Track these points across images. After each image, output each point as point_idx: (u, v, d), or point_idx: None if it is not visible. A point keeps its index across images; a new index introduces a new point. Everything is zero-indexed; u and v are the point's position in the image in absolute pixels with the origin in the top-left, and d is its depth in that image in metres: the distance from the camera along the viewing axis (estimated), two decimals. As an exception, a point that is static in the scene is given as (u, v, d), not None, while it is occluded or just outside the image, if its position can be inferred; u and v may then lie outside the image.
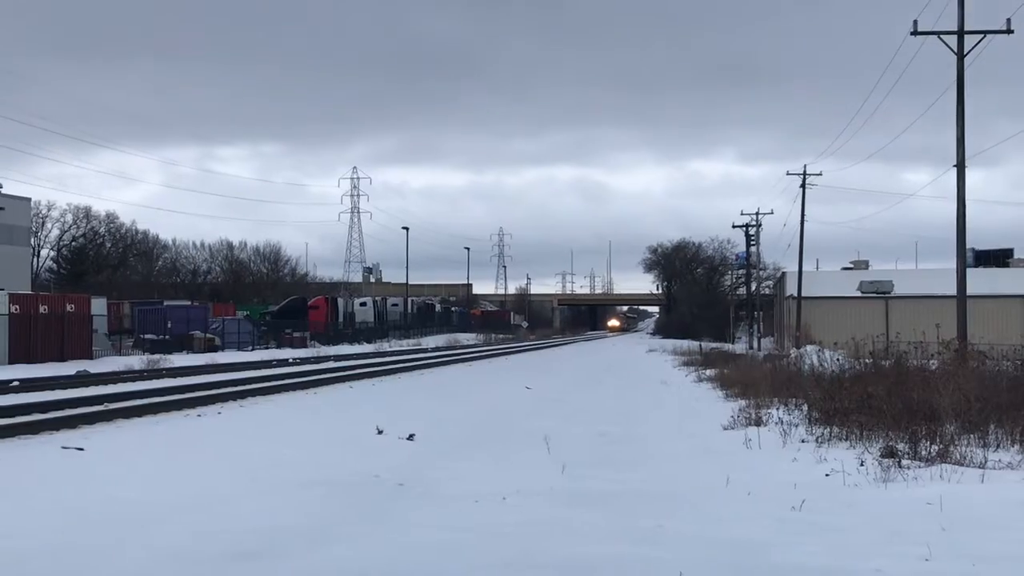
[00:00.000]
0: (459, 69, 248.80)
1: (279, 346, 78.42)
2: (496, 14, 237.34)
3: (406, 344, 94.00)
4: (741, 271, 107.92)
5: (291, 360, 56.91)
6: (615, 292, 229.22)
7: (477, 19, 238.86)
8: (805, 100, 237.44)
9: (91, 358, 53.37)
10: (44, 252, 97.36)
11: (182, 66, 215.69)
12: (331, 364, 52.15)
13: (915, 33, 35.18)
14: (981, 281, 56.77)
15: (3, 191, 79.03)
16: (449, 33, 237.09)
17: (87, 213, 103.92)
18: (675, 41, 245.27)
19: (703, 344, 76.19)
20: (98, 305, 60.21)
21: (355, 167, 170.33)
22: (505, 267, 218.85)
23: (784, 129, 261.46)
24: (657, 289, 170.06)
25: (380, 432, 19.96)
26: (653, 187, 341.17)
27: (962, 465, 14.21)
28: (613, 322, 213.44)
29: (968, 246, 36.65)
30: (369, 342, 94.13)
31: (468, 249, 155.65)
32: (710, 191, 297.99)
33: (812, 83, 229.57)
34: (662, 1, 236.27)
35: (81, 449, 17.35)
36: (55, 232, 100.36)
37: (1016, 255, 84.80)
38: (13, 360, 48.57)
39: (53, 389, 32.40)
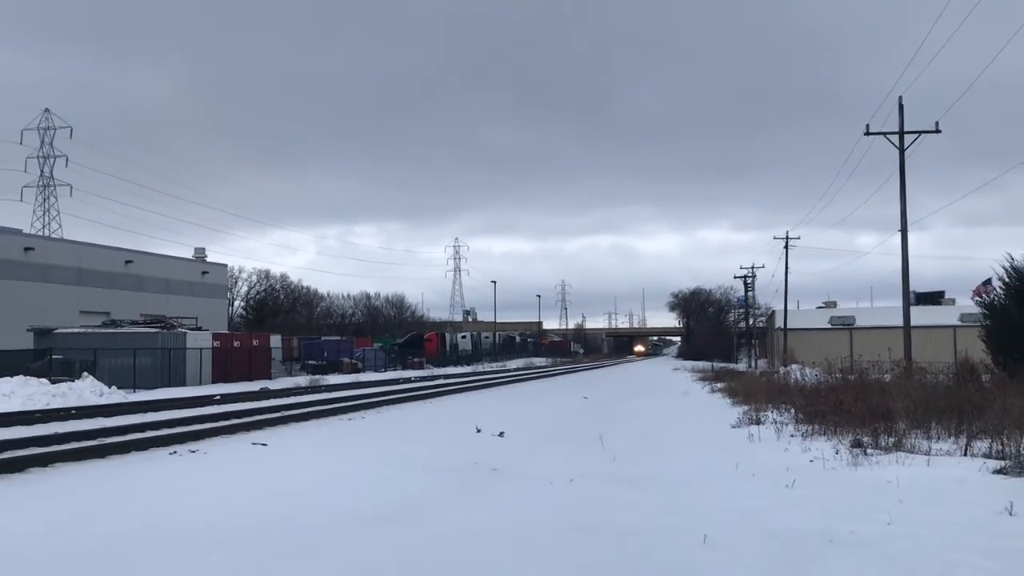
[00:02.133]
0: (527, 165, 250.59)
1: (404, 368, 78.72)
2: (553, 125, 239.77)
3: (495, 366, 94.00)
4: (741, 310, 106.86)
5: (412, 379, 57.08)
6: (647, 326, 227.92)
7: (540, 130, 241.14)
8: (783, 184, 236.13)
9: (270, 378, 53.98)
10: (236, 303, 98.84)
11: (328, 167, 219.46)
12: (441, 381, 52.24)
13: (867, 133, 34.80)
14: (921, 315, 55.45)
15: (208, 260, 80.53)
16: (520, 140, 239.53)
17: (266, 275, 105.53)
18: (686, 143, 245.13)
19: (714, 364, 75.47)
20: (275, 340, 61.01)
21: (456, 238, 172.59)
22: (566, 308, 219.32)
23: (767, 206, 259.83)
24: (679, 323, 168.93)
25: (478, 431, 19.97)
26: (671, 250, 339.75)
27: (912, 453, 13.94)
28: (639, 348, 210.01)
29: (910, 289, 36.01)
30: (468, 365, 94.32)
31: (539, 296, 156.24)
32: (713, 252, 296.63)
33: (789, 171, 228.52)
34: (675, 114, 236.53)
35: (265, 445, 17.55)
36: (244, 288, 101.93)
37: (947, 296, 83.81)
38: (215, 380, 49.32)
39: (243, 401, 32.84)
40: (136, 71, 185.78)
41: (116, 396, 33.96)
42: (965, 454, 13.78)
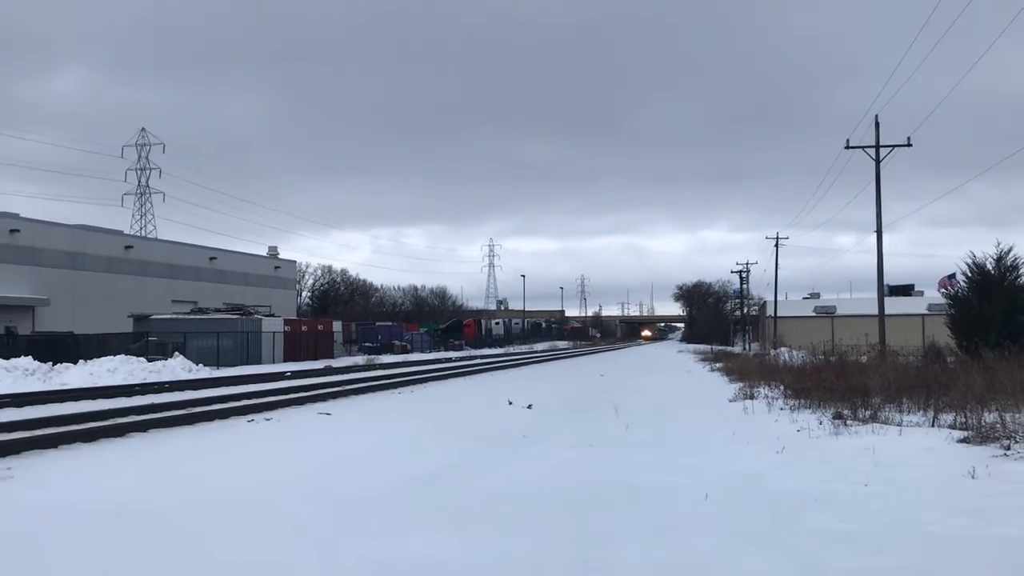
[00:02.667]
0: (550, 176, 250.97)
1: (446, 350, 78.96)
2: (572, 140, 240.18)
3: (524, 348, 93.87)
4: (737, 300, 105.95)
5: (453, 359, 57.20)
6: (656, 314, 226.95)
7: (561, 144, 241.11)
8: (773, 191, 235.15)
9: (333, 357, 54.31)
10: (303, 294, 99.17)
11: (381, 177, 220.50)
12: (478, 361, 52.29)
13: (847, 147, 34.40)
14: (894, 305, 54.69)
15: (280, 257, 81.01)
16: (543, 154, 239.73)
17: (329, 269, 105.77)
18: (687, 155, 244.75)
19: (713, 347, 75.06)
20: (337, 325, 61.33)
21: (491, 238, 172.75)
22: (585, 299, 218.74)
23: (759, 210, 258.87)
24: (683, 312, 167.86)
25: (510, 403, 19.98)
26: (675, 248, 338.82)
27: (887, 424, 13.80)
28: (646, 333, 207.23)
29: (884, 283, 35.58)
30: (501, 347, 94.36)
31: (562, 288, 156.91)
32: (712, 250, 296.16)
33: (779, 180, 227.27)
34: (678, 129, 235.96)
35: (329, 414, 17.66)
36: (310, 281, 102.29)
37: (916, 288, 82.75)
38: (286, 359, 49.66)
39: (310, 377, 33.02)
40: (220, 96, 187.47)
41: (202, 372, 34.30)
42: (933, 425, 13.61)
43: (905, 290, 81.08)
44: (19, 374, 28.10)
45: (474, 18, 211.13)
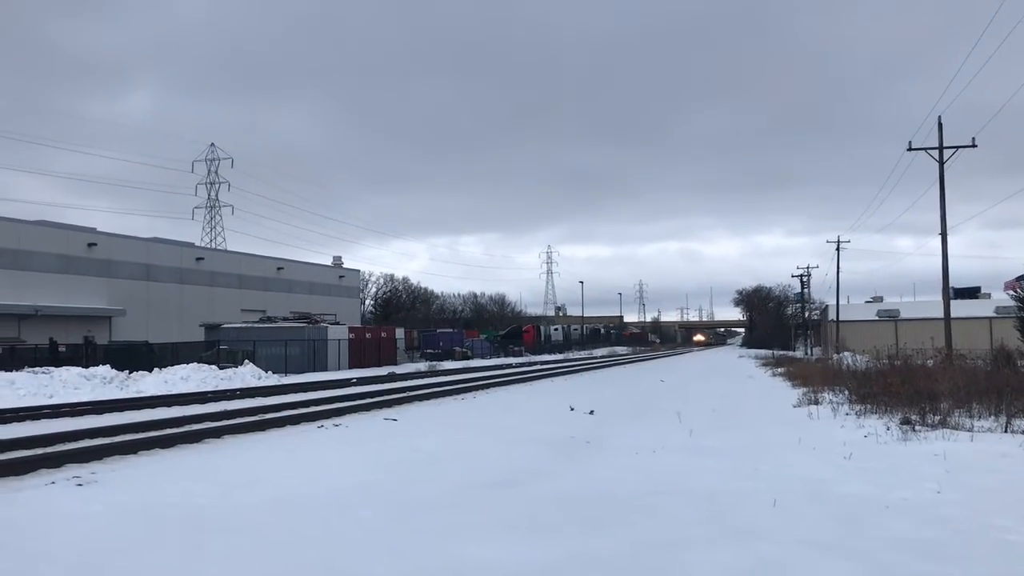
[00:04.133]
0: (603, 184, 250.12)
1: (506, 356, 79.03)
2: (623, 148, 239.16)
3: (583, 354, 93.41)
4: (798, 304, 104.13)
5: (513, 365, 57.19)
6: (715, 319, 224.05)
7: (611, 152, 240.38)
8: (827, 195, 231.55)
9: (396, 364, 54.80)
10: (367, 302, 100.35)
11: (438, 188, 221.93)
12: (538, 367, 52.18)
13: (910, 149, 33.59)
14: (959, 308, 53.04)
15: (344, 266, 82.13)
16: (595, 164, 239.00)
17: (391, 278, 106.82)
18: (740, 160, 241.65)
19: (775, 352, 73.81)
20: (399, 332, 61.90)
21: (549, 245, 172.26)
22: (644, 304, 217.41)
23: (814, 214, 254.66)
24: (743, 316, 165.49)
25: (572, 409, 19.93)
26: (730, 253, 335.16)
27: (957, 430, 13.42)
28: (698, 337, 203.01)
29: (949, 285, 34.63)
30: (560, 353, 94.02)
31: (620, 294, 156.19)
32: (768, 254, 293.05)
33: (832, 184, 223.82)
34: (729, 136, 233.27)
35: (396, 420, 17.81)
36: (373, 289, 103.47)
37: (982, 291, 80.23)
38: (351, 366, 50.31)
39: (375, 383, 33.37)
40: (285, 112, 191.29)
41: (271, 379, 34.95)
42: (1006, 431, 13.22)
43: (971, 292, 78.65)
44: (98, 382, 29.00)
45: (526, 33, 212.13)
